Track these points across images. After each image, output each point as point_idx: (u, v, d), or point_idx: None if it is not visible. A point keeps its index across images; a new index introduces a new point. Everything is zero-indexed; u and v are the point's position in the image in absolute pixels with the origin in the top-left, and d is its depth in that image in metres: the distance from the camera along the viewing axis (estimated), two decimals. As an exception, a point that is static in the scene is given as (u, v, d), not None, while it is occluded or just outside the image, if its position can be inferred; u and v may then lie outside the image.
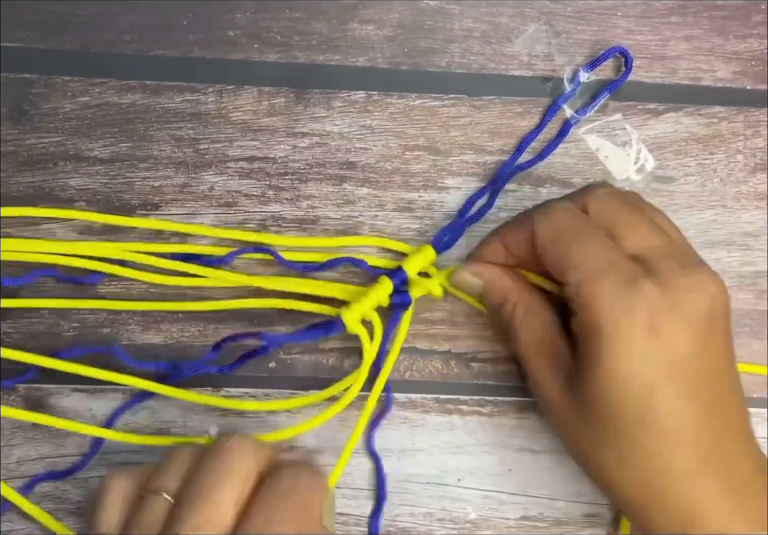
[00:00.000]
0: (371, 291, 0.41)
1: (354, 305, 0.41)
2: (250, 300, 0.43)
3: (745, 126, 0.44)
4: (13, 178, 0.43)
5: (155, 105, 0.44)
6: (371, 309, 0.41)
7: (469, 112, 0.44)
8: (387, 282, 0.41)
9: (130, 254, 0.42)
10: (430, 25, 0.45)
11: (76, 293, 0.43)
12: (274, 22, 0.44)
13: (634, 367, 0.35)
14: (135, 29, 0.44)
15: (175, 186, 0.44)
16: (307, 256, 0.43)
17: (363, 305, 0.41)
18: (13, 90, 0.43)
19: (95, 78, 0.44)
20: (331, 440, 0.42)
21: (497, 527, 0.43)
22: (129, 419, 0.42)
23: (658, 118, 0.44)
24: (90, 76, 0.44)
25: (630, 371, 0.35)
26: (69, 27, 0.44)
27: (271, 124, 0.44)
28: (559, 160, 0.44)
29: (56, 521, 0.41)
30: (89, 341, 0.43)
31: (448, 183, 0.44)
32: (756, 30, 0.45)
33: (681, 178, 0.44)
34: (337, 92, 0.44)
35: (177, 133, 0.44)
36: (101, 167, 0.43)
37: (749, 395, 0.43)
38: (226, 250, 0.43)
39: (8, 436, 0.42)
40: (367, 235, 0.44)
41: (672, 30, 0.45)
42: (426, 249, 0.42)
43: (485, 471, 0.43)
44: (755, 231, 0.44)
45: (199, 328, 0.43)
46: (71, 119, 0.44)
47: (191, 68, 0.44)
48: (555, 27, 0.45)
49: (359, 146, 0.44)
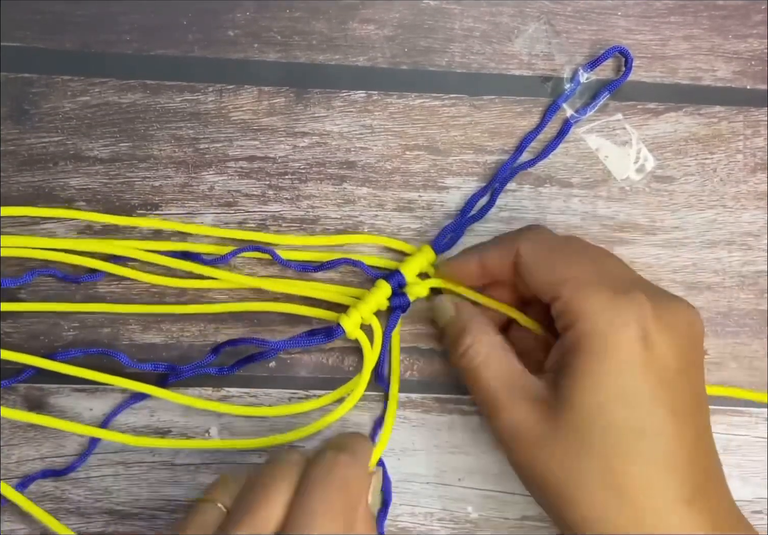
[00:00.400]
0: (369, 296, 0.41)
1: (352, 310, 0.41)
2: (250, 303, 0.43)
3: (745, 126, 0.44)
4: (13, 178, 0.43)
5: (155, 105, 0.44)
6: (370, 314, 0.41)
7: (469, 111, 0.44)
8: (385, 286, 0.42)
9: (131, 251, 0.42)
10: (431, 25, 0.45)
11: (76, 291, 0.43)
12: (274, 21, 0.44)
13: (630, 382, 0.34)
14: (135, 29, 0.44)
15: (175, 186, 0.43)
16: (306, 255, 0.43)
17: (361, 310, 0.41)
18: (13, 89, 0.43)
19: (95, 78, 0.44)
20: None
21: (498, 527, 0.43)
22: (129, 419, 0.42)
23: (658, 118, 0.44)
24: (90, 76, 0.44)
25: (625, 387, 0.34)
26: (69, 27, 0.44)
27: (271, 124, 0.44)
28: (559, 160, 0.44)
29: (56, 521, 0.41)
30: (89, 340, 0.43)
31: (448, 183, 0.44)
32: (756, 30, 0.45)
33: (681, 177, 0.44)
34: (337, 92, 0.44)
35: (177, 132, 0.44)
36: (101, 167, 0.43)
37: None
38: (227, 249, 0.43)
39: (8, 436, 0.42)
40: (367, 233, 0.44)
41: (672, 30, 0.45)
42: (425, 250, 0.42)
43: (486, 471, 0.43)
44: (755, 231, 0.44)
45: (199, 328, 0.43)
46: (71, 119, 0.43)
47: (191, 68, 0.44)
48: (555, 27, 0.45)
49: (359, 146, 0.44)
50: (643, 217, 0.44)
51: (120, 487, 0.42)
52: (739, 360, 0.44)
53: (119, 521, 0.42)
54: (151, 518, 0.42)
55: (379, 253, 0.44)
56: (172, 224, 0.43)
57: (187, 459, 0.42)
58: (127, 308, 0.42)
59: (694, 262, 0.44)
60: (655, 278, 0.43)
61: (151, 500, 0.42)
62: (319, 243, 0.43)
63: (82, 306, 0.42)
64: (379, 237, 0.43)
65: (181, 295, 0.43)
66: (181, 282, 0.43)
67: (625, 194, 0.44)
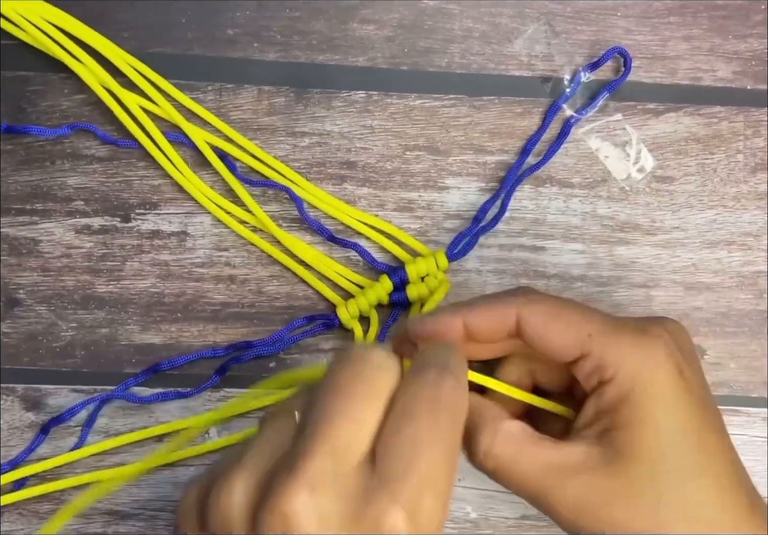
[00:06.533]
0: (370, 289, 0.42)
1: (351, 301, 0.42)
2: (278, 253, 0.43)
3: (745, 126, 0.45)
4: (11, 177, 0.43)
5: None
6: (369, 306, 0.41)
7: (469, 112, 0.44)
8: (387, 281, 0.42)
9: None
10: (430, 26, 0.45)
11: (74, 291, 0.42)
12: (273, 21, 0.44)
13: (684, 415, 0.33)
14: (134, 27, 0.44)
15: (174, 185, 0.43)
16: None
17: (359, 302, 0.42)
18: (10, 88, 0.43)
19: (94, 76, 0.43)
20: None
21: (497, 527, 0.43)
22: (127, 420, 0.42)
23: (658, 118, 0.45)
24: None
25: (681, 420, 0.33)
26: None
27: (271, 124, 0.44)
28: (558, 160, 0.44)
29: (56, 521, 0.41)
30: (88, 341, 0.42)
31: (448, 183, 0.44)
32: (756, 30, 0.45)
33: (681, 178, 0.44)
34: (337, 92, 0.44)
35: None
36: (99, 166, 0.43)
37: (749, 395, 0.44)
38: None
39: (6, 437, 0.42)
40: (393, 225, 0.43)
41: (671, 30, 0.45)
42: (439, 255, 0.42)
43: (485, 471, 0.43)
44: (755, 231, 0.44)
45: (198, 328, 0.43)
46: (69, 117, 0.43)
47: (190, 66, 0.44)
48: (555, 27, 0.45)
49: (359, 146, 0.44)
50: (643, 217, 0.44)
51: (120, 487, 0.42)
52: (738, 360, 0.44)
53: (119, 522, 0.42)
54: (151, 519, 0.42)
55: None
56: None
57: (186, 460, 0.42)
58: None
59: (693, 262, 0.44)
60: (654, 278, 0.44)
61: (151, 501, 0.42)
62: (347, 211, 0.43)
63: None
64: (402, 233, 0.43)
65: (181, 294, 0.43)
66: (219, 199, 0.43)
67: (625, 194, 0.44)
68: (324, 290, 0.43)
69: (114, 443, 0.42)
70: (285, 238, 0.42)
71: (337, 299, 0.42)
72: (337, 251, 0.43)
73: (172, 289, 0.43)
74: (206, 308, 0.43)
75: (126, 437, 0.42)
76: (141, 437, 0.42)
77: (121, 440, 0.42)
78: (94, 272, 0.43)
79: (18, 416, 0.42)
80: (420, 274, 0.42)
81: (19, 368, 0.42)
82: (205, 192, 0.43)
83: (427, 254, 0.43)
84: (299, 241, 0.43)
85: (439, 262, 0.42)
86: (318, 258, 0.43)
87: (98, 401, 0.42)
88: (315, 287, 0.43)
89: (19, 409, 0.42)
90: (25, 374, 0.42)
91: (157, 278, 0.43)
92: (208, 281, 0.43)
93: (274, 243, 0.43)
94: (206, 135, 0.43)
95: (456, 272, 0.43)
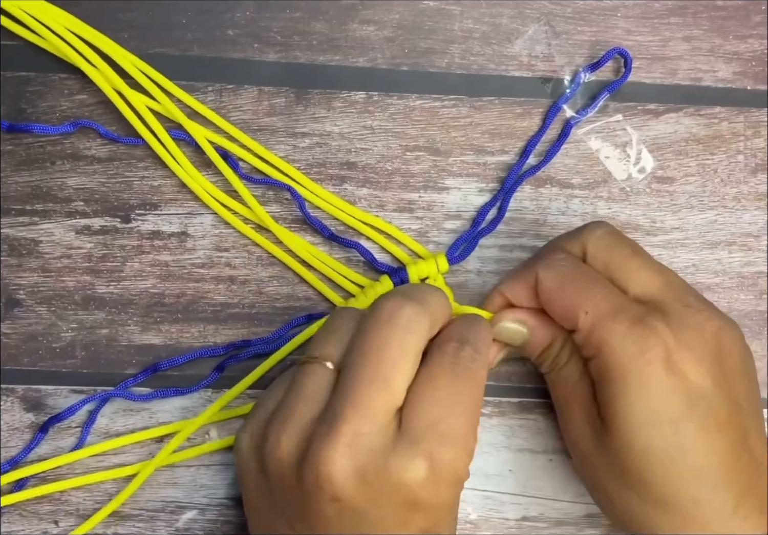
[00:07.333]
0: (370, 289, 0.42)
1: (350, 300, 0.42)
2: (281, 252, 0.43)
3: (745, 126, 0.45)
4: (11, 178, 0.43)
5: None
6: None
7: (469, 112, 0.44)
8: (387, 282, 0.42)
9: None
10: (431, 26, 0.45)
11: (75, 292, 0.42)
12: (273, 21, 0.44)
13: (656, 405, 0.34)
14: (134, 27, 0.44)
15: (174, 185, 0.43)
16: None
17: (359, 301, 0.42)
18: (10, 88, 0.43)
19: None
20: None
21: (497, 528, 0.43)
22: (127, 420, 0.42)
23: (658, 119, 0.45)
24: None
25: (653, 410, 0.34)
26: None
27: (271, 124, 0.44)
28: (559, 161, 0.44)
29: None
30: (88, 342, 0.42)
31: (448, 183, 0.44)
32: (756, 30, 0.45)
33: (681, 178, 0.44)
34: (338, 93, 0.44)
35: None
36: (99, 166, 0.43)
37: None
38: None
39: (6, 437, 0.42)
40: (395, 226, 0.44)
41: (672, 30, 0.45)
42: (440, 258, 0.42)
43: (485, 471, 0.43)
44: (756, 231, 0.44)
45: (199, 328, 0.43)
46: (69, 117, 0.43)
47: (190, 67, 0.44)
48: (555, 28, 0.45)
49: (360, 147, 0.44)
50: (643, 217, 0.44)
51: (119, 488, 0.42)
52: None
53: (119, 523, 0.42)
54: (151, 520, 0.42)
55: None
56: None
57: (186, 460, 0.42)
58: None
59: (694, 263, 0.44)
60: (655, 278, 0.44)
61: (151, 502, 0.42)
62: (349, 210, 0.43)
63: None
64: (404, 235, 0.43)
65: (181, 295, 0.43)
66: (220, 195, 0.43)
67: (625, 195, 0.44)
68: (324, 290, 0.43)
69: (114, 443, 0.42)
70: (286, 236, 0.42)
71: (338, 298, 0.43)
72: (338, 251, 0.43)
73: (172, 289, 0.43)
74: (206, 308, 0.43)
75: (126, 437, 0.42)
76: (141, 437, 0.42)
77: (121, 440, 0.42)
78: (95, 273, 0.43)
79: (18, 416, 0.42)
80: (420, 275, 0.42)
81: (19, 368, 0.42)
82: (209, 189, 0.43)
83: (427, 256, 0.43)
84: (300, 239, 0.43)
85: (439, 265, 0.42)
86: (319, 257, 0.43)
87: (98, 399, 0.42)
88: (315, 286, 0.43)
89: (19, 410, 0.42)
90: (25, 375, 0.42)
91: (157, 279, 0.43)
92: (209, 281, 0.43)
93: (276, 243, 0.43)
94: (208, 133, 0.43)
95: (456, 273, 0.43)
